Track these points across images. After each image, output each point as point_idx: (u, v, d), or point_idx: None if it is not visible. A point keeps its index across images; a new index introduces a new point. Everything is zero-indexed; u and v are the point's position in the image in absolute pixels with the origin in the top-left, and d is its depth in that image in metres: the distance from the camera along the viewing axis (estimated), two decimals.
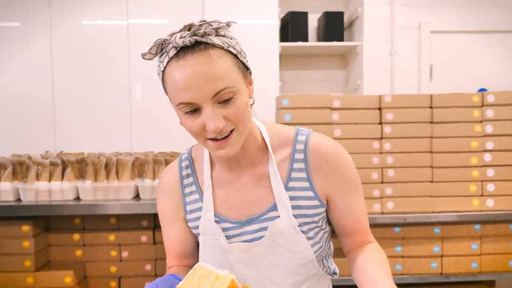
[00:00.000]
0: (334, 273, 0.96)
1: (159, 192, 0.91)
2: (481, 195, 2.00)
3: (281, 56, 3.17)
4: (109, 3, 2.81)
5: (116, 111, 2.83)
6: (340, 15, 3.06)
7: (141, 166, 2.12)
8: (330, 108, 1.99)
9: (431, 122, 2.00)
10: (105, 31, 2.83)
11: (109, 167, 2.02)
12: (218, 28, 0.71)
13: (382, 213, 1.99)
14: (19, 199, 2.00)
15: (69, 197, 1.99)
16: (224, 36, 0.73)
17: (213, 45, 0.71)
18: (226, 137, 0.73)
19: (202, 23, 0.71)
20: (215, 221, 0.85)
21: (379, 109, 2.00)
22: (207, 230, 0.85)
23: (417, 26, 2.85)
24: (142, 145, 2.64)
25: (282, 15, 3.11)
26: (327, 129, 1.96)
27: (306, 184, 0.82)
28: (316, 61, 3.23)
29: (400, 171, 1.99)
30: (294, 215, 0.82)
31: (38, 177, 1.98)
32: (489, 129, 1.99)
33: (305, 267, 0.85)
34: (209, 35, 0.71)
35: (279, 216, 0.82)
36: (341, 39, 3.00)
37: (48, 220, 2.18)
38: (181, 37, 0.70)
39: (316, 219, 0.85)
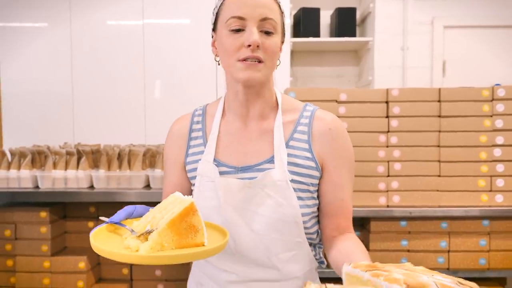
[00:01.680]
0: (321, 262, 0.98)
1: (168, 137, 0.99)
2: (490, 191, 1.98)
3: (293, 52, 3.20)
4: (126, 3, 2.91)
5: (131, 106, 2.93)
6: (352, 11, 3.06)
7: (152, 157, 2.19)
8: (336, 101, 2.00)
9: (439, 116, 1.99)
10: (121, 30, 2.94)
11: (122, 157, 2.10)
12: None
13: (388, 206, 1.99)
14: (37, 187, 2.10)
15: (84, 185, 2.08)
16: None
17: None
18: (257, 63, 0.83)
19: None
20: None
21: (386, 102, 2.00)
22: (204, 170, 0.90)
23: (430, 21, 2.82)
24: (155, 138, 2.72)
25: (294, 12, 3.13)
26: None
27: (306, 146, 0.88)
28: (329, 57, 3.24)
29: (407, 165, 1.99)
30: (289, 171, 0.86)
31: (55, 165, 2.08)
32: (499, 123, 1.97)
33: (289, 226, 0.86)
34: None
35: (274, 168, 0.87)
36: (353, 35, 3.00)
37: (64, 208, 2.28)
38: None
39: (309, 181, 0.88)
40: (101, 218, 0.80)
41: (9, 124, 2.94)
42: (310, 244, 0.93)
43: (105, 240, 0.73)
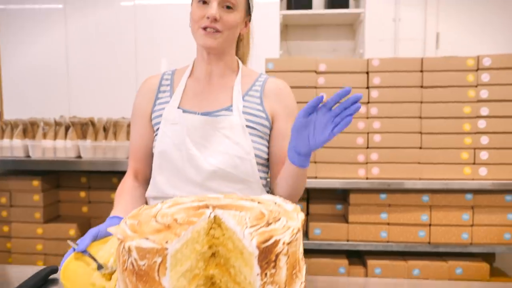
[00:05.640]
0: None
1: (138, 92, 1.12)
2: (474, 163, 1.93)
3: (286, 26, 3.16)
4: None
5: (124, 81, 2.99)
6: None
7: None
8: (316, 72, 1.98)
9: (421, 87, 1.94)
10: (114, 6, 2.99)
11: (108, 128, 2.16)
12: None
13: (367, 178, 1.97)
14: (28, 156, 2.20)
15: (72, 155, 2.15)
16: None
17: None
18: (214, 33, 0.99)
19: None
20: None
21: (367, 73, 1.97)
22: (169, 114, 1.03)
23: None
24: None
25: None
26: (312, 93, 1.96)
27: (258, 101, 1.06)
28: (323, 31, 3.17)
29: (387, 137, 1.96)
30: (244, 118, 1.02)
31: (44, 135, 2.16)
32: (484, 94, 1.90)
33: (243, 163, 1.00)
34: None
35: (233, 115, 1.02)
36: (346, 7, 2.93)
37: (58, 178, 2.38)
38: None
39: (260, 128, 1.03)
40: (69, 242, 0.85)
41: (9, 99, 3.08)
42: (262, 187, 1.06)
43: (75, 272, 0.78)
